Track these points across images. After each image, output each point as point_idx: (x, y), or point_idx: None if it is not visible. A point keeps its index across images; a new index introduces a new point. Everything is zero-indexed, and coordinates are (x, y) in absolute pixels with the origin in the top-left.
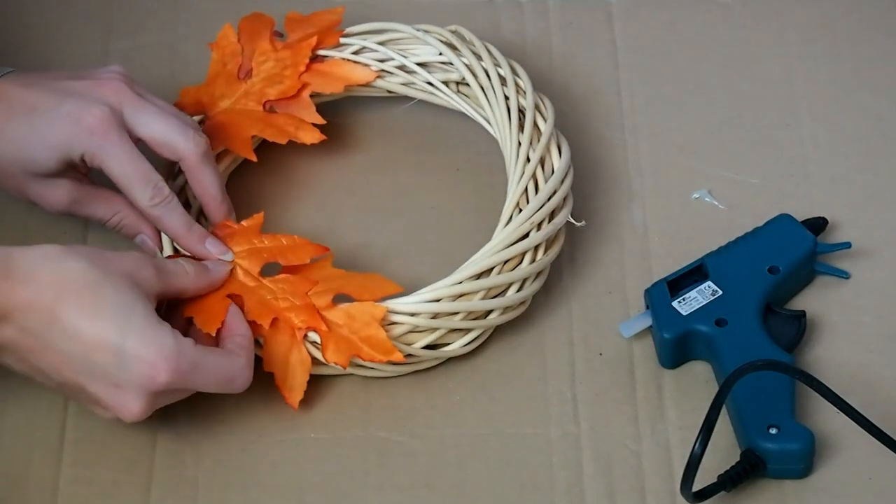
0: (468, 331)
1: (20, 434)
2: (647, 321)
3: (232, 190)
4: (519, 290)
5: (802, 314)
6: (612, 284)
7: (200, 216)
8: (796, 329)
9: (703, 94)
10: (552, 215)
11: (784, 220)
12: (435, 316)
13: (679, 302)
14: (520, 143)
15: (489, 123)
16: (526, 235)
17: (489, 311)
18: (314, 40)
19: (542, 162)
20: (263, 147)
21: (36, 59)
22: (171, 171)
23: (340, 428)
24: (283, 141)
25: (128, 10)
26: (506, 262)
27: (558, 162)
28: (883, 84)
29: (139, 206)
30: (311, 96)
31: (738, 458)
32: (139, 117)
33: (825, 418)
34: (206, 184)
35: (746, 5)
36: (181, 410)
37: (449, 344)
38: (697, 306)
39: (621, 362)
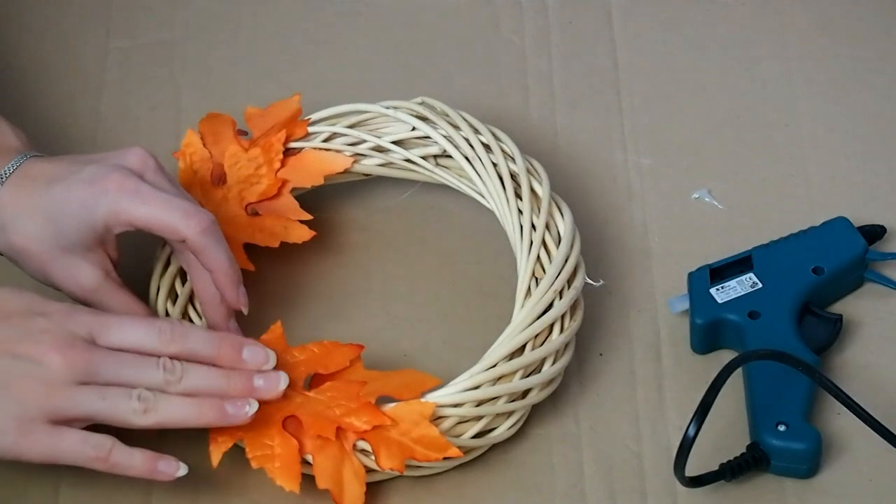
0: (511, 413)
1: None
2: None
3: None
4: (553, 363)
5: (839, 318)
6: (613, 284)
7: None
8: (830, 331)
9: (703, 94)
10: (570, 282)
11: (839, 222)
12: (479, 403)
13: (718, 289)
14: (520, 212)
15: (480, 195)
16: (550, 306)
17: (528, 391)
18: (283, 134)
19: (547, 227)
20: (249, 250)
21: (36, 58)
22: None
23: None
24: (276, 244)
25: (127, 9)
26: (535, 336)
27: (563, 224)
28: (883, 84)
29: (184, 237)
30: (290, 190)
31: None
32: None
33: (829, 418)
34: (214, 259)
35: (746, 5)
36: None
37: (495, 429)
38: (734, 296)
39: (621, 362)
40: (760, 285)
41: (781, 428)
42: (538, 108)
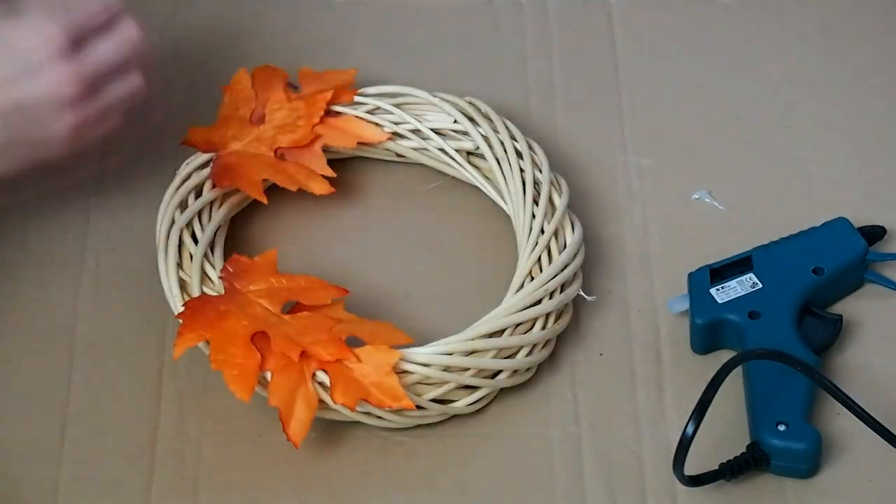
0: (475, 389)
1: (20, 433)
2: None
3: (241, 229)
4: (528, 354)
5: (839, 318)
6: (613, 284)
7: (214, 247)
8: (830, 332)
9: (703, 94)
10: (563, 287)
11: (840, 223)
12: (446, 369)
13: (718, 289)
14: (534, 216)
15: (500, 196)
16: (538, 302)
17: (498, 372)
18: (329, 94)
19: (555, 234)
20: (271, 192)
21: None
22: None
23: (341, 428)
24: (293, 188)
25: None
26: (517, 325)
27: (571, 236)
28: (883, 84)
29: None
30: (323, 150)
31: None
32: None
33: (829, 418)
34: None
35: (746, 5)
36: (182, 409)
37: (456, 401)
38: (734, 296)
39: (621, 362)
40: (760, 286)
41: (781, 428)
42: (538, 109)
